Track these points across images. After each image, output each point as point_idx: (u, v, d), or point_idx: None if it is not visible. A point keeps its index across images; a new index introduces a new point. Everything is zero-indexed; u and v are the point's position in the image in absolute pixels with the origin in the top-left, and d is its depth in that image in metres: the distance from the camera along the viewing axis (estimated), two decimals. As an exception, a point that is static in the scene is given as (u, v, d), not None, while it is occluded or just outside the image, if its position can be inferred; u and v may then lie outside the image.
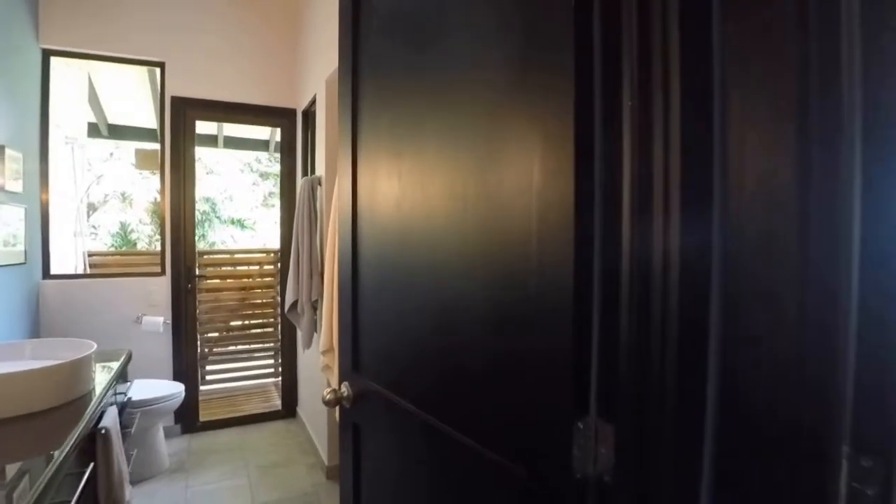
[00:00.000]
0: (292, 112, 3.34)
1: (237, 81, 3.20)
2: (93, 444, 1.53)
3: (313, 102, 2.88)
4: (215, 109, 3.20)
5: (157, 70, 3.11)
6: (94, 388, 1.69)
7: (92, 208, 7.61)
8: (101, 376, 1.84)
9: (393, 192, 0.96)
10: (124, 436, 2.03)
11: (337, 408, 1.15)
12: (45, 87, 2.89)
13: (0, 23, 2.41)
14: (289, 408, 3.48)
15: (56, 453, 1.23)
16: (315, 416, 2.90)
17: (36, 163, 2.79)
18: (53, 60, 3.04)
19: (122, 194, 7.78)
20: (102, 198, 7.71)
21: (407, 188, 0.91)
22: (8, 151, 2.34)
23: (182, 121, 3.10)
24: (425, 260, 0.86)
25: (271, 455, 2.87)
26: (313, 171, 2.97)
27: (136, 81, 4.12)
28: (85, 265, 3.76)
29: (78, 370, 1.59)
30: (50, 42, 2.84)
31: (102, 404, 1.64)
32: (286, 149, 3.43)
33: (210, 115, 3.28)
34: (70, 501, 1.28)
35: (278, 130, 3.48)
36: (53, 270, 2.96)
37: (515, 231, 0.65)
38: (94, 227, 7.62)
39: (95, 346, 1.74)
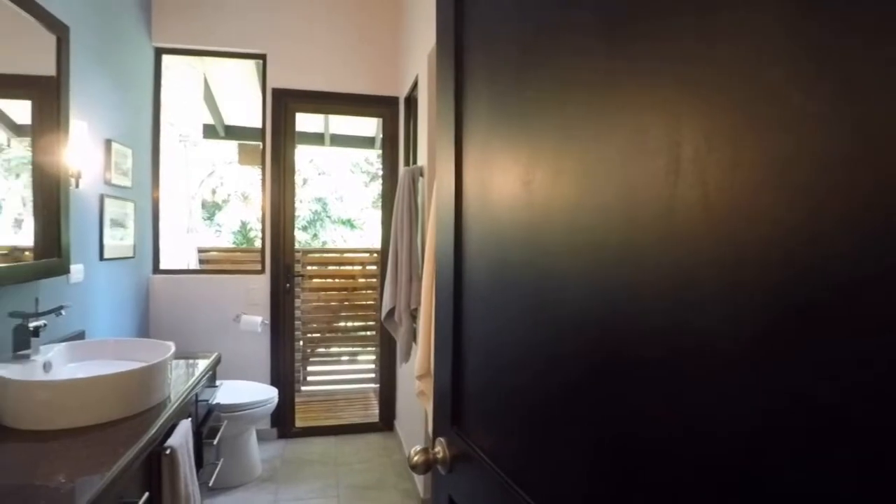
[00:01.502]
0: (394, 101, 3.11)
1: (336, 70, 3.03)
2: (159, 464, 1.35)
3: (415, 87, 2.61)
4: (315, 100, 3.06)
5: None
6: (169, 396, 1.52)
7: (217, 207, 8.15)
8: (183, 381, 1.68)
9: (518, 166, 0.60)
10: (207, 446, 1.88)
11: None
12: (157, 85, 2.91)
13: (117, 23, 2.42)
14: (386, 420, 3.25)
15: (98, 478, 1.04)
16: (412, 435, 2.61)
17: (147, 159, 2.81)
18: (169, 60, 3.08)
19: (243, 194, 8.24)
20: (226, 197, 8.23)
21: (542, 154, 0.55)
22: (115, 146, 2.32)
23: (283, 113, 2.99)
24: (576, 264, 0.49)
25: (365, 474, 2.63)
26: (415, 163, 2.70)
27: (248, 82, 4.17)
28: (196, 261, 3.84)
29: (149, 378, 1.41)
30: (161, 40, 2.85)
31: (175, 416, 1.47)
32: (388, 141, 3.21)
33: (310, 105, 3.14)
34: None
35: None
36: (163, 266, 2.98)
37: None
38: (218, 224, 8.15)
39: (173, 349, 1.57)
